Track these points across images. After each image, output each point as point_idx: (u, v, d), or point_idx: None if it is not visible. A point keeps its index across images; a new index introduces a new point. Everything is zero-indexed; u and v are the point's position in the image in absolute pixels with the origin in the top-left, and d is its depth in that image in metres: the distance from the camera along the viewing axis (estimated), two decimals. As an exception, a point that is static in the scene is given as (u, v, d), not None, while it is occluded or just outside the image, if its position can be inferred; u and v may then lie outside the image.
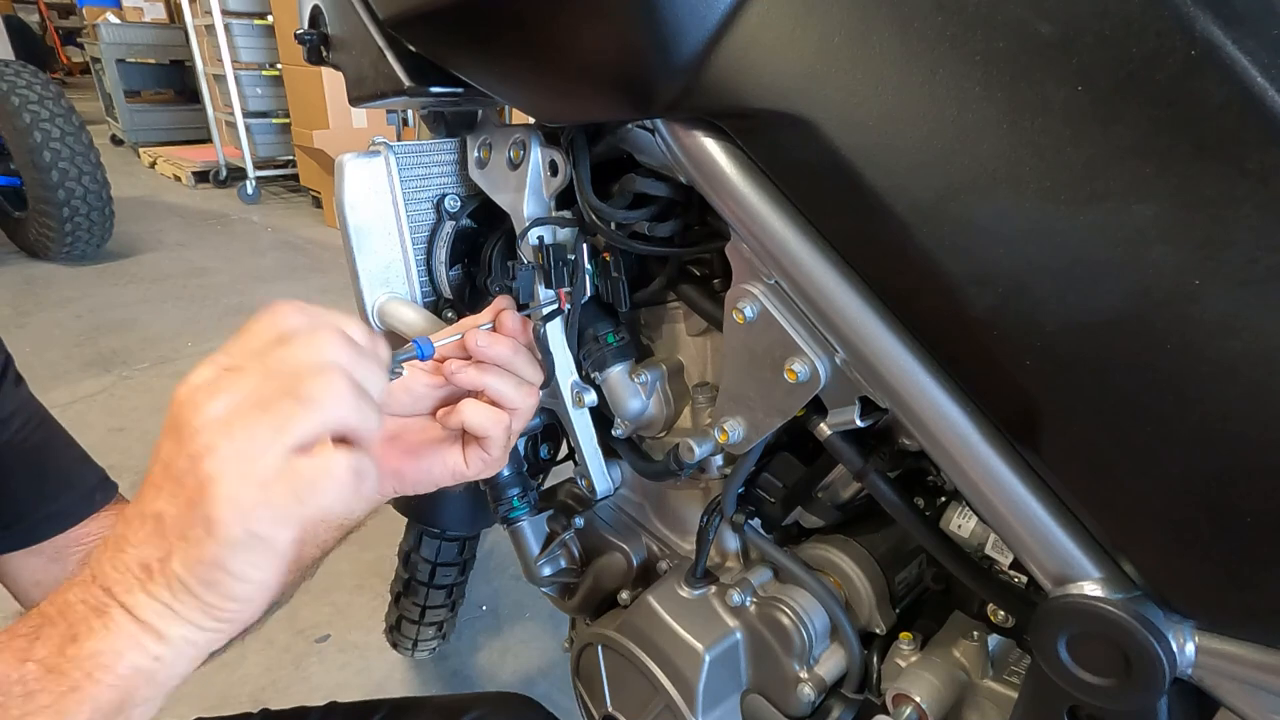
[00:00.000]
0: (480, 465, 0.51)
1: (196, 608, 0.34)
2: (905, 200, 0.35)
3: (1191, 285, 0.29)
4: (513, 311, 0.53)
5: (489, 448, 0.50)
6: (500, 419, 0.49)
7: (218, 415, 0.33)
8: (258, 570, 0.34)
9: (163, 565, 0.34)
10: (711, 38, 0.39)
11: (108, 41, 5.28)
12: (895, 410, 0.42)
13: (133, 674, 0.34)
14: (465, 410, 0.49)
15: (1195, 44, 0.27)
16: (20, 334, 2.65)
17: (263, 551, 0.34)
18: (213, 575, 0.33)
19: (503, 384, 0.49)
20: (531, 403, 0.51)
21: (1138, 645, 0.36)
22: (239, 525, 0.32)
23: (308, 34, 0.71)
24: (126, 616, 0.34)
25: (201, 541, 0.33)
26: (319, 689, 1.32)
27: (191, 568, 0.33)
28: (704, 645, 0.63)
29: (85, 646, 0.33)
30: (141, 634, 0.34)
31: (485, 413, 0.49)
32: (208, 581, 0.33)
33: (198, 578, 0.33)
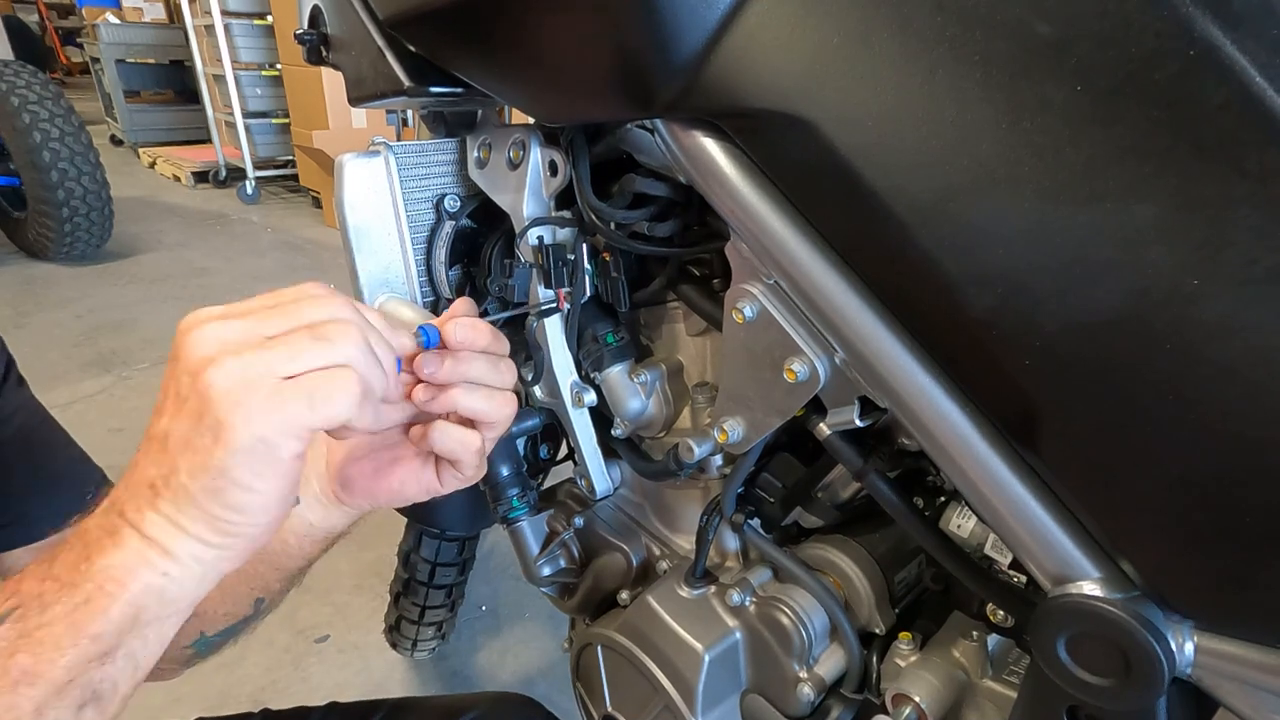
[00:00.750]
0: (455, 482, 0.49)
1: (202, 520, 0.35)
2: (904, 200, 0.35)
3: (1190, 286, 0.29)
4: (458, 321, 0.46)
5: (461, 468, 0.48)
6: (471, 443, 0.46)
7: (221, 336, 0.34)
8: (262, 480, 0.34)
9: (167, 480, 0.34)
10: (711, 38, 0.39)
11: (107, 42, 5.28)
12: (894, 410, 0.42)
13: (143, 590, 0.35)
14: (434, 438, 0.46)
15: (1194, 44, 0.27)
16: (20, 334, 2.65)
17: (269, 459, 0.34)
18: (217, 483, 0.34)
19: (473, 400, 0.46)
20: (508, 412, 0.48)
21: (1137, 645, 0.36)
22: (245, 430, 0.33)
23: (307, 34, 0.71)
24: (134, 534, 0.35)
25: (208, 450, 0.33)
26: (319, 689, 1.32)
27: (196, 475, 0.34)
28: (703, 645, 0.63)
29: (96, 563, 0.34)
30: (149, 550, 0.35)
31: (456, 437, 0.46)
32: (212, 490, 0.34)
33: (202, 486, 0.34)
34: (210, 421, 0.33)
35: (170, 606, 0.36)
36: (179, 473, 0.34)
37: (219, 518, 0.35)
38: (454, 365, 0.45)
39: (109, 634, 0.34)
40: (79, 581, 0.34)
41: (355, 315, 0.37)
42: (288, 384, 0.34)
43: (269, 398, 0.33)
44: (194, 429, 0.34)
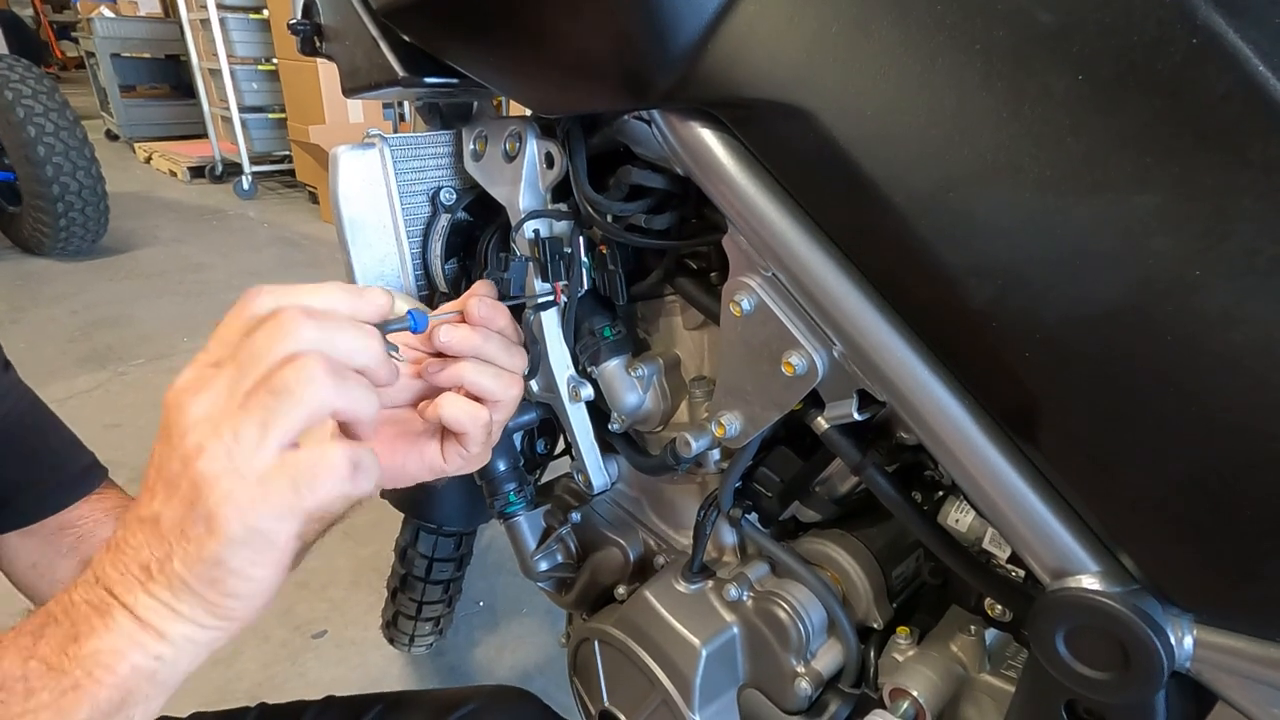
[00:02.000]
0: (459, 462, 0.49)
1: (199, 606, 0.34)
2: (904, 191, 0.35)
3: (1192, 276, 0.29)
4: (482, 299, 0.49)
5: (468, 444, 0.48)
6: (479, 415, 0.46)
7: (203, 414, 0.33)
8: (258, 567, 0.34)
9: (162, 565, 0.34)
10: (708, 27, 0.38)
11: (102, 36, 5.25)
12: (893, 403, 0.42)
13: (133, 673, 0.34)
14: (443, 405, 0.46)
15: (1197, 33, 0.27)
16: (15, 330, 2.64)
17: (263, 547, 0.33)
18: (214, 573, 0.33)
19: (480, 376, 0.46)
20: (514, 393, 0.48)
21: (1136, 639, 0.36)
22: (238, 522, 0.32)
23: (301, 24, 0.70)
24: (127, 615, 0.34)
25: (202, 540, 0.33)
26: (316, 684, 1.32)
27: (192, 566, 0.33)
28: (701, 640, 0.63)
29: (86, 645, 0.33)
30: (142, 633, 0.34)
31: (463, 408, 0.46)
32: (209, 580, 0.33)
33: (198, 576, 0.33)
34: (202, 512, 0.32)
35: (160, 688, 0.35)
36: (173, 559, 0.33)
37: (215, 604, 0.34)
38: (469, 336, 0.46)
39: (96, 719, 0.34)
40: (67, 667, 0.33)
41: (314, 333, 0.35)
42: (274, 469, 0.33)
43: (255, 487, 0.32)
44: (186, 517, 0.33)
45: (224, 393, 0.33)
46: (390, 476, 0.50)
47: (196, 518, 0.33)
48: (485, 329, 0.48)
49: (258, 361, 0.34)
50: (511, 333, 0.49)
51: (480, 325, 0.48)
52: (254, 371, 0.33)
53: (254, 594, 0.35)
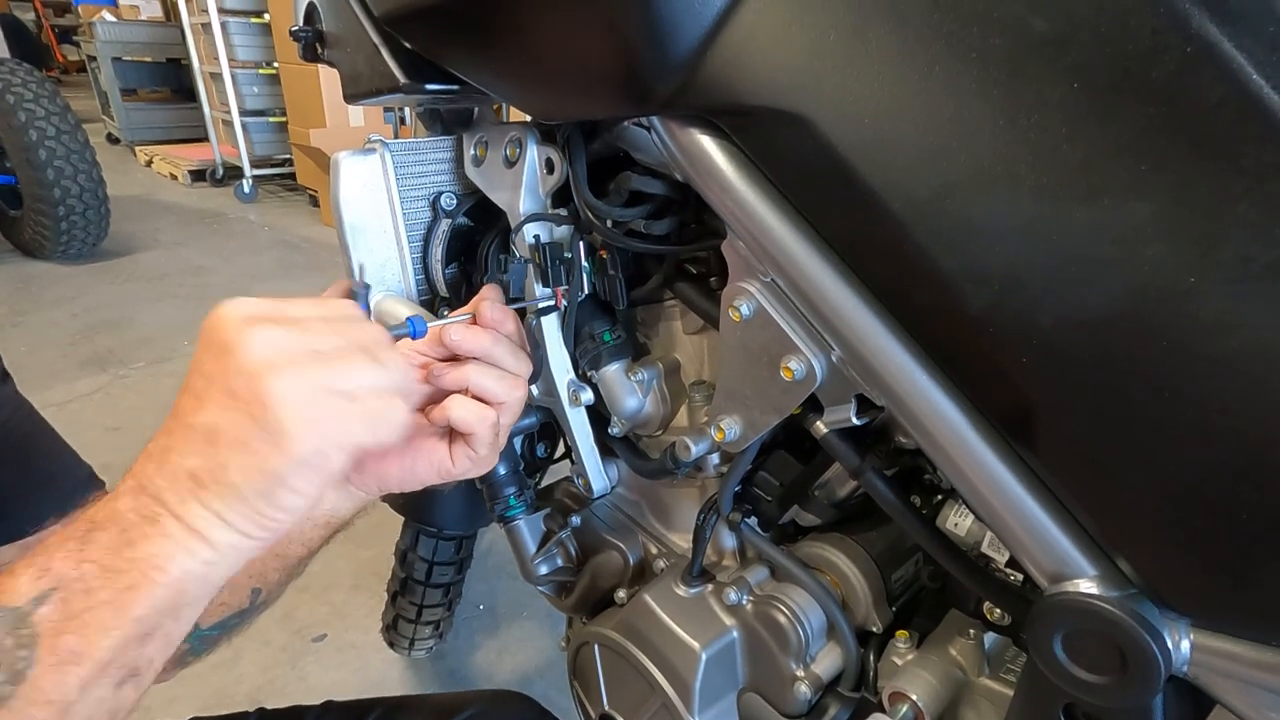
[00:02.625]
0: (467, 464, 0.50)
1: (248, 517, 0.36)
2: (901, 197, 0.35)
3: (1187, 283, 0.29)
4: (494, 302, 0.51)
5: (476, 445, 0.49)
6: (486, 415, 0.48)
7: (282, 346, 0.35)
8: (311, 486, 0.36)
9: (215, 474, 0.35)
10: (707, 34, 0.39)
11: (104, 39, 5.26)
12: (891, 408, 0.42)
13: (185, 576, 0.36)
14: (450, 407, 0.47)
15: (1191, 41, 0.27)
16: (16, 333, 2.65)
17: (321, 469, 0.36)
18: (271, 487, 0.35)
19: (485, 378, 0.48)
20: (519, 395, 0.50)
21: (1133, 643, 0.36)
22: (308, 442, 0.35)
23: (303, 30, 0.70)
24: (178, 524, 0.35)
25: (266, 454, 0.34)
26: (316, 688, 1.32)
27: (251, 478, 0.35)
28: (700, 644, 0.63)
29: (140, 549, 0.35)
30: (192, 540, 0.35)
31: (471, 409, 0.48)
32: (264, 492, 0.35)
33: (256, 489, 0.35)
34: (272, 427, 0.34)
35: (209, 590, 0.37)
36: (228, 470, 0.35)
37: (264, 514, 0.36)
38: (479, 337, 0.48)
39: (151, 617, 0.35)
40: (123, 567, 0.35)
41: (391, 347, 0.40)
42: (351, 405, 0.36)
43: (334, 415, 0.35)
44: (250, 431, 0.34)
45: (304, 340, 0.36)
46: (400, 480, 0.51)
47: (263, 433, 0.34)
48: (495, 332, 0.50)
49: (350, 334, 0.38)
50: (519, 337, 0.51)
51: (491, 328, 0.49)
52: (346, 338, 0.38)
53: (297, 509, 0.37)
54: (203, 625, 0.54)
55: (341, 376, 0.36)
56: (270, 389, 0.34)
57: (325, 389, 0.35)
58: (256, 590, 0.54)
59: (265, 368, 0.34)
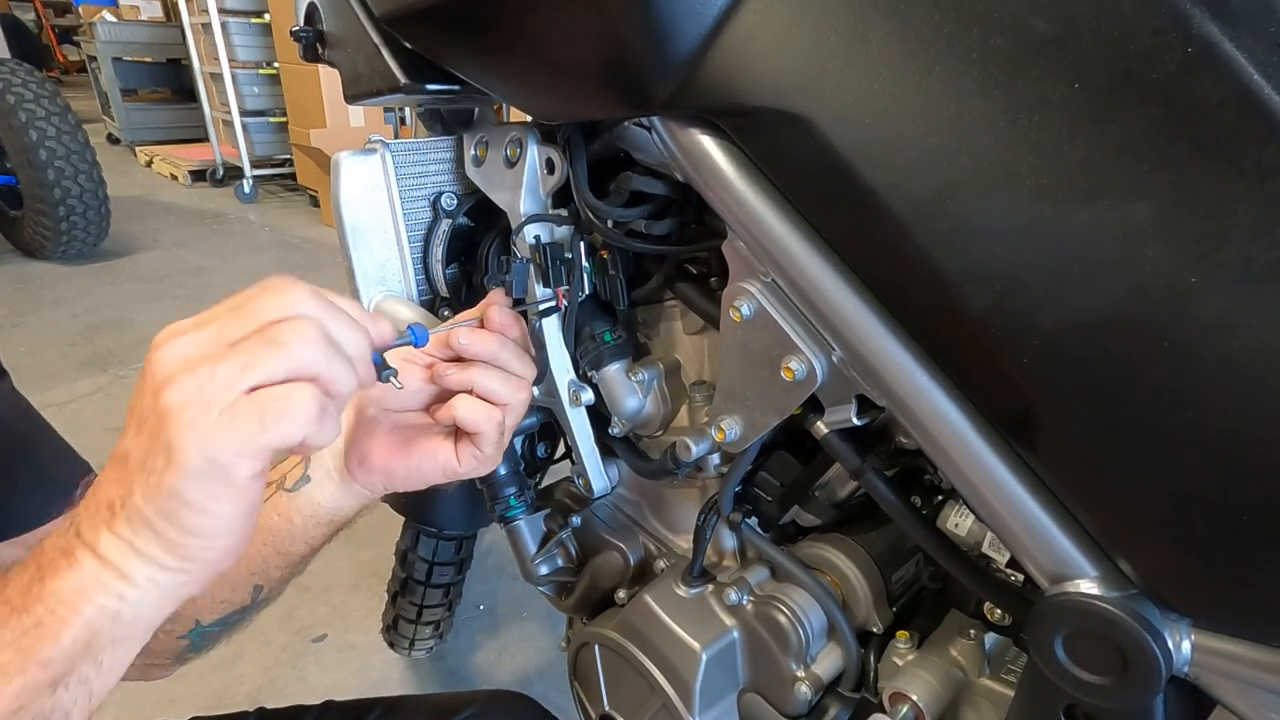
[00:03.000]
0: (473, 462, 0.50)
1: (156, 543, 0.34)
2: (902, 198, 0.35)
3: (1188, 283, 0.29)
4: (502, 307, 0.52)
5: (481, 444, 0.50)
6: (492, 415, 0.48)
7: (184, 352, 0.33)
8: (216, 502, 0.33)
9: (124, 500, 0.33)
10: (708, 34, 0.39)
11: (104, 40, 5.26)
12: (892, 408, 0.42)
13: (97, 613, 0.34)
14: (457, 405, 0.48)
15: (1192, 42, 0.27)
16: (16, 333, 2.65)
17: (222, 481, 0.33)
18: (170, 505, 0.33)
19: (490, 380, 0.48)
20: (523, 397, 0.50)
21: (1134, 643, 0.36)
22: (197, 451, 0.32)
23: (303, 31, 0.70)
24: (89, 555, 0.34)
25: (161, 471, 0.32)
26: (316, 688, 1.32)
27: (150, 499, 0.33)
28: (701, 644, 0.63)
29: (50, 585, 0.34)
30: (104, 571, 0.34)
31: (477, 408, 0.48)
32: (166, 513, 0.33)
33: (155, 509, 0.33)
34: (164, 442, 0.32)
35: (125, 630, 0.35)
36: (134, 494, 0.33)
37: (174, 541, 0.34)
38: (487, 341, 0.49)
39: (59, 660, 0.33)
40: (30, 605, 0.33)
41: (316, 307, 0.36)
42: (240, 402, 0.32)
43: (220, 417, 0.32)
44: (149, 450, 0.33)
45: (211, 336, 0.34)
46: (405, 478, 0.51)
47: (159, 449, 0.32)
48: (502, 336, 0.51)
49: (255, 316, 0.34)
50: (525, 341, 0.52)
51: (498, 332, 0.50)
52: (248, 324, 0.34)
53: (213, 533, 0.34)
54: (204, 621, 0.54)
55: (234, 370, 0.32)
56: (164, 402, 0.32)
57: (216, 390, 0.32)
58: (258, 587, 0.54)
59: (163, 382, 0.32)
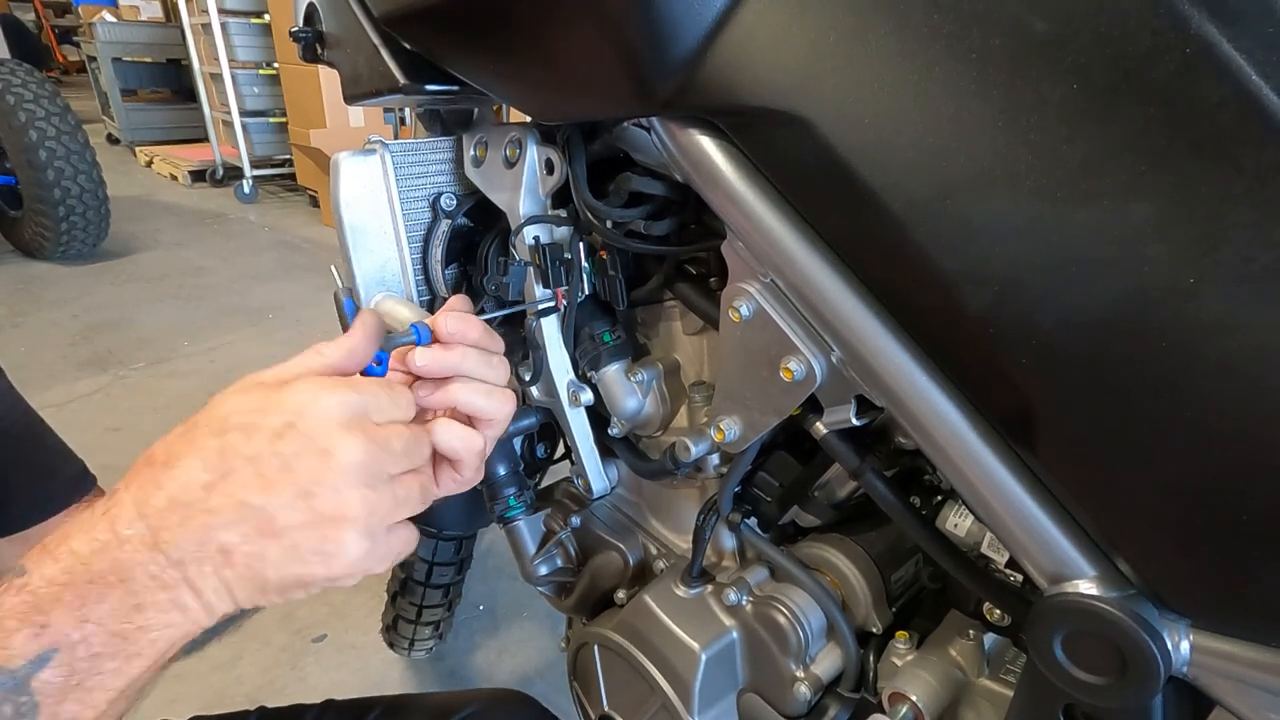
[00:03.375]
0: (452, 485, 0.47)
1: (254, 598, 0.37)
2: (901, 198, 0.35)
3: (1187, 284, 0.29)
4: (449, 314, 0.46)
5: (461, 469, 0.47)
6: (474, 443, 0.45)
7: (361, 459, 0.36)
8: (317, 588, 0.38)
9: (250, 561, 0.35)
10: (707, 35, 0.39)
11: (104, 40, 5.26)
12: (891, 408, 0.42)
13: (183, 639, 0.36)
14: (438, 434, 0.44)
15: (1191, 42, 0.27)
16: (16, 334, 2.65)
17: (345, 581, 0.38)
18: (296, 589, 0.37)
19: (473, 395, 0.45)
20: (508, 410, 0.47)
21: (1133, 643, 0.36)
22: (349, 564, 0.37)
23: (303, 31, 0.70)
24: (192, 595, 0.35)
25: (313, 566, 0.36)
26: (316, 689, 1.32)
27: (284, 577, 0.36)
28: (700, 644, 0.63)
29: (150, 617, 0.34)
30: (202, 612, 0.36)
31: (459, 436, 0.45)
32: (286, 589, 0.36)
33: (281, 584, 0.36)
34: (331, 548, 0.36)
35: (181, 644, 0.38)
36: (265, 560, 0.35)
37: (269, 598, 0.37)
38: (444, 358, 0.45)
39: (144, 677, 0.36)
40: (130, 634, 0.34)
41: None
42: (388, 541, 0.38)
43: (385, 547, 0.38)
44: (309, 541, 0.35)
45: (382, 456, 0.37)
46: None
47: (323, 549, 0.36)
48: (461, 346, 0.46)
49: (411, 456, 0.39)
50: (489, 343, 0.47)
51: (450, 342, 0.46)
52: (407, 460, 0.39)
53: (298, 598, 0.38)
54: None
55: (402, 509, 0.38)
56: (350, 513, 0.36)
57: (388, 519, 0.38)
58: None
59: (352, 491, 0.36)
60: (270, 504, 0.34)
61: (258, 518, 0.35)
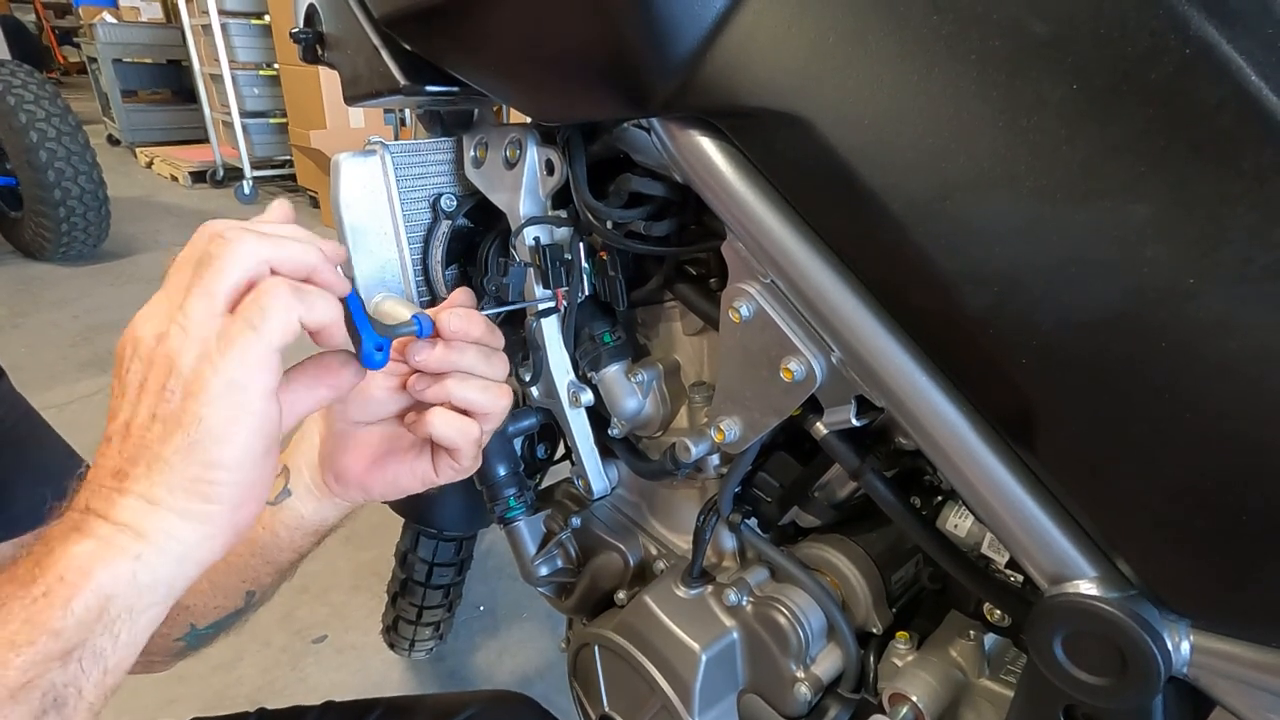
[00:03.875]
0: (450, 473, 0.49)
1: (179, 486, 0.34)
2: (901, 199, 0.35)
3: (1186, 284, 0.29)
4: (454, 311, 0.47)
5: (459, 457, 0.48)
6: (469, 431, 0.46)
7: (151, 316, 0.35)
8: (237, 426, 0.34)
9: (134, 458, 0.34)
10: (707, 36, 0.39)
11: (104, 41, 5.26)
12: (891, 409, 0.42)
13: (111, 579, 0.32)
14: (433, 423, 0.45)
15: (1190, 43, 0.27)
16: (16, 334, 2.65)
17: (240, 402, 0.34)
18: (193, 436, 0.33)
19: (467, 390, 0.46)
20: (503, 404, 0.48)
21: (1133, 644, 0.36)
22: (213, 375, 0.33)
23: (303, 32, 0.71)
24: (101, 521, 0.33)
25: (181, 406, 0.33)
26: (316, 689, 1.32)
27: (170, 436, 0.33)
28: (700, 645, 0.63)
29: (57, 554, 0.32)
30: (118, 534, 0.33)
31: (454, 424, 0.46)
32: (188, 446, 0.33)
33: (177, 445, 0.33)
34: (177, 382, 0.33)
35: (145, 596, 0.33)
36: (149, 446, 0.34)
37: (198, 478, 0.34)
38: (445, 353, 0.45)
39: (71, 628, 0.31)
40: (38, 575, 0.32)
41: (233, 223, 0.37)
42: (227, 322, 0.34)
43: (219, 342, 0.33)
44: (159, 398, 0.34)
45: (166, 295, 0.35)
46: (383, 490, 0.50)
47: (171, 391, 0.33)
48: (462, 343, 0.46)
49: (189, 260, 0.35)
50: (490, 339, 0.48)
51: (453, 339, 0.46)
52: (188, 268, 0.35)
53: (234, 464, 0.34)
54: (199, 625, 0.54)
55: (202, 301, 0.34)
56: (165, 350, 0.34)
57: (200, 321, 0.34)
58: (251, 592, 0.54)
59: (154, 340, 0.34)
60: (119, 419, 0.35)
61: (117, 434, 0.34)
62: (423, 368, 0.46)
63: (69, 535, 0.33)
